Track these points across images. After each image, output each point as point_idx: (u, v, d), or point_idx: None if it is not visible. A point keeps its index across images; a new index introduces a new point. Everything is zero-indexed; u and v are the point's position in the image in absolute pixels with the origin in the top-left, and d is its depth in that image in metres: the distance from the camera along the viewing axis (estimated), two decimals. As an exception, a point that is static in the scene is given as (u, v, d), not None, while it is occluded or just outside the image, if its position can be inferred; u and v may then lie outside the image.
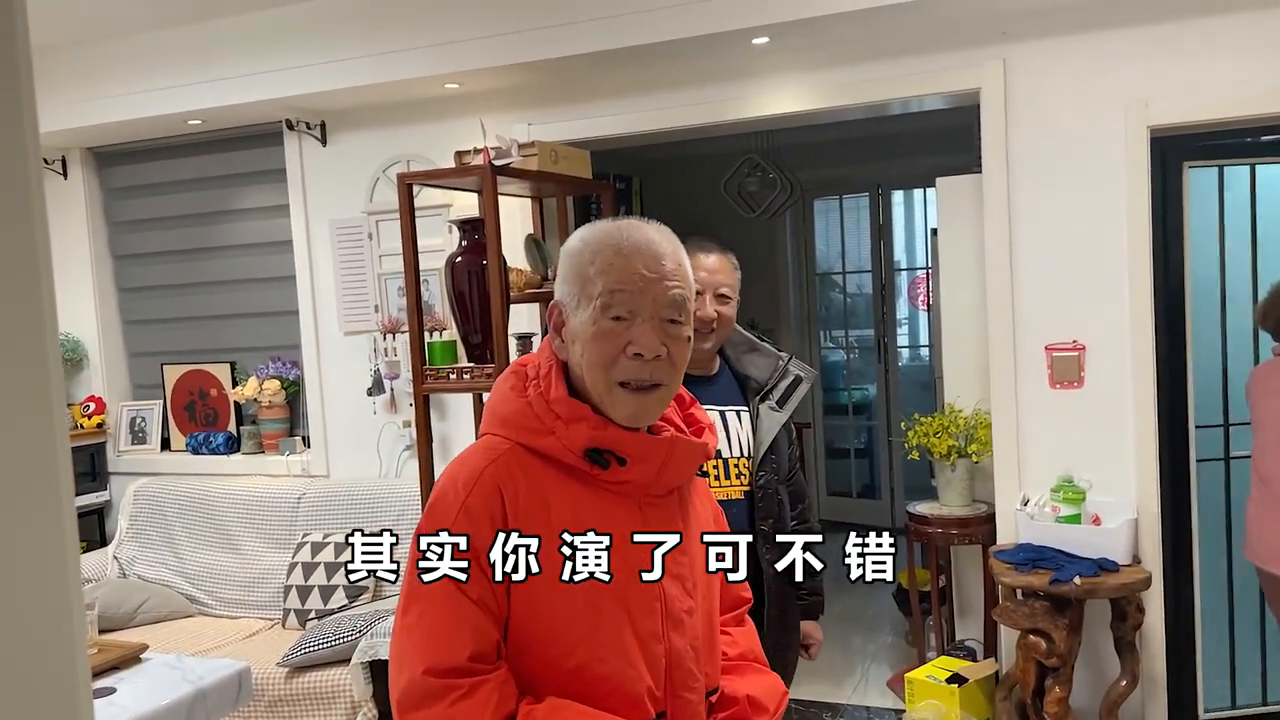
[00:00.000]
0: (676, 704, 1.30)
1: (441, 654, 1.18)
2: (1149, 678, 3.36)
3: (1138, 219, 3.30)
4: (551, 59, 3.61)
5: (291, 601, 3.93)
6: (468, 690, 1.18)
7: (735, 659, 1.46)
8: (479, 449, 1.30)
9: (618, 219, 1.34)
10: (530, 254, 3.80)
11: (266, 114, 4.27)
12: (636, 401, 1.27)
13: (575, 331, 1.29)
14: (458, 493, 1.24)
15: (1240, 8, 3.16)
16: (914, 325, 6.97)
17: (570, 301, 1.30)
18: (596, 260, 1.28)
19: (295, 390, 4.55)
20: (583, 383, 1.29)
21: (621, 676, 1.24)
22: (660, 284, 1.27)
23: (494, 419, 1.32)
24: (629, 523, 1.28)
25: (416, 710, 1.19)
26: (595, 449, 1.25)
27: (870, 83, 3.60)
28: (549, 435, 1.26)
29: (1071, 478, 3.30)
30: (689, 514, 1.37)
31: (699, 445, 1.34)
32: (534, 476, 1.25)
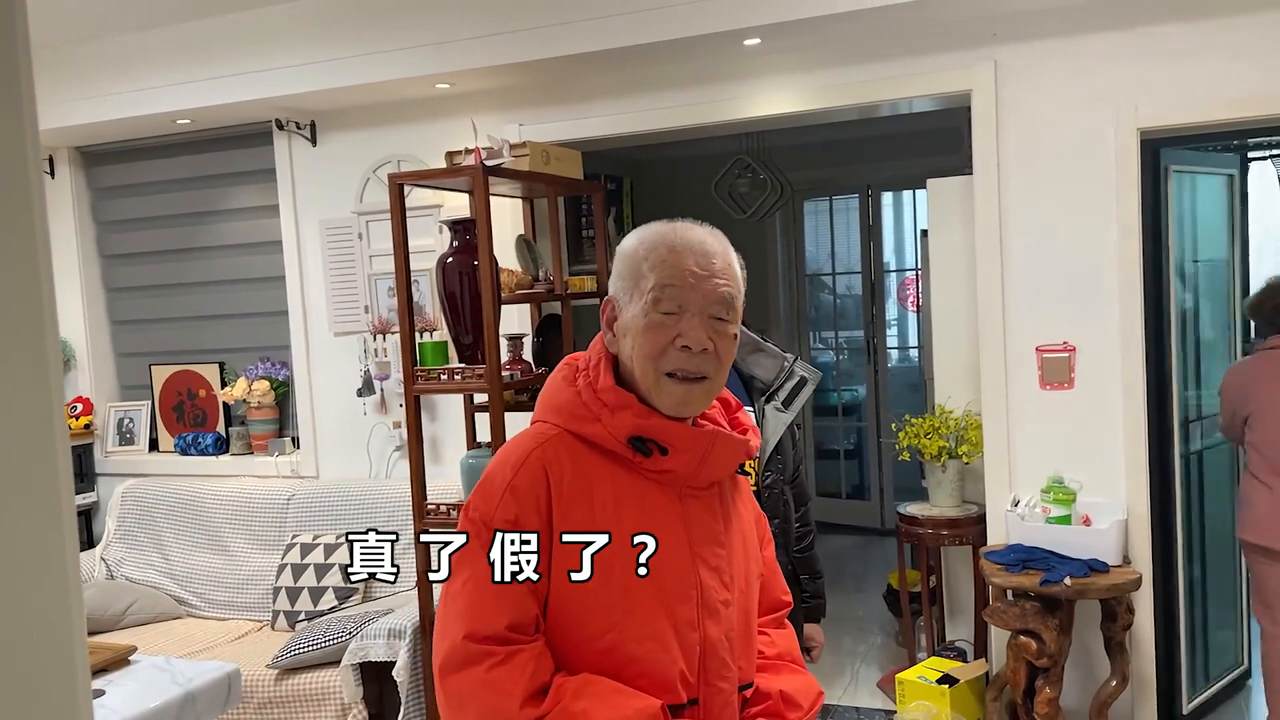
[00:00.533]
0: (709, 691, 1.34)
1: (481, 621, 1.25)
2: (1138, 678, 3.38)
3: (1127, 220, 3.32)
4: (543, 59, 3.60)
5: (281, 603, 3.91)
6: (504, 657, 1.24)
7: (773, 658, 1.49)
8: (530, 434, 1.36)
9: (672, 220, 1.39)
10: (521, 254, 3.79)
11: (256, 114, 4.25)
12: (683, 391, 1.32)
13: (627, 325, 1.35)
14: (506, 472, 1.31)
15: (1227, 11, 3.18)
16: (903, 326, 6.98)
17: (623, 296, 1.36)
18: (650, 257, 1.33)
19: (285, 391, 4.53)
20: (631, 375, 1.35)
21: (655, 659, 1.28)
22: (709, 281, 1.32)
23: (546, 407, 1.39)
24: (668, 511, 1.33)
25: (456, 673, 1.25)
26: (639, 436, 1.31)
27: (861, 84, 3.61)
28: (595, 422, 1.32)
29: (1062, 478, 3.31)
30: (729, 511, 1.41)
31: (741, 441, 1.38)
32: (580, 461, 1.31)
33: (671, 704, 1.28)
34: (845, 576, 5.45)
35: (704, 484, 1.37)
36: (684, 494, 1.35)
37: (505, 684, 1.23)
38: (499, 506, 1.28)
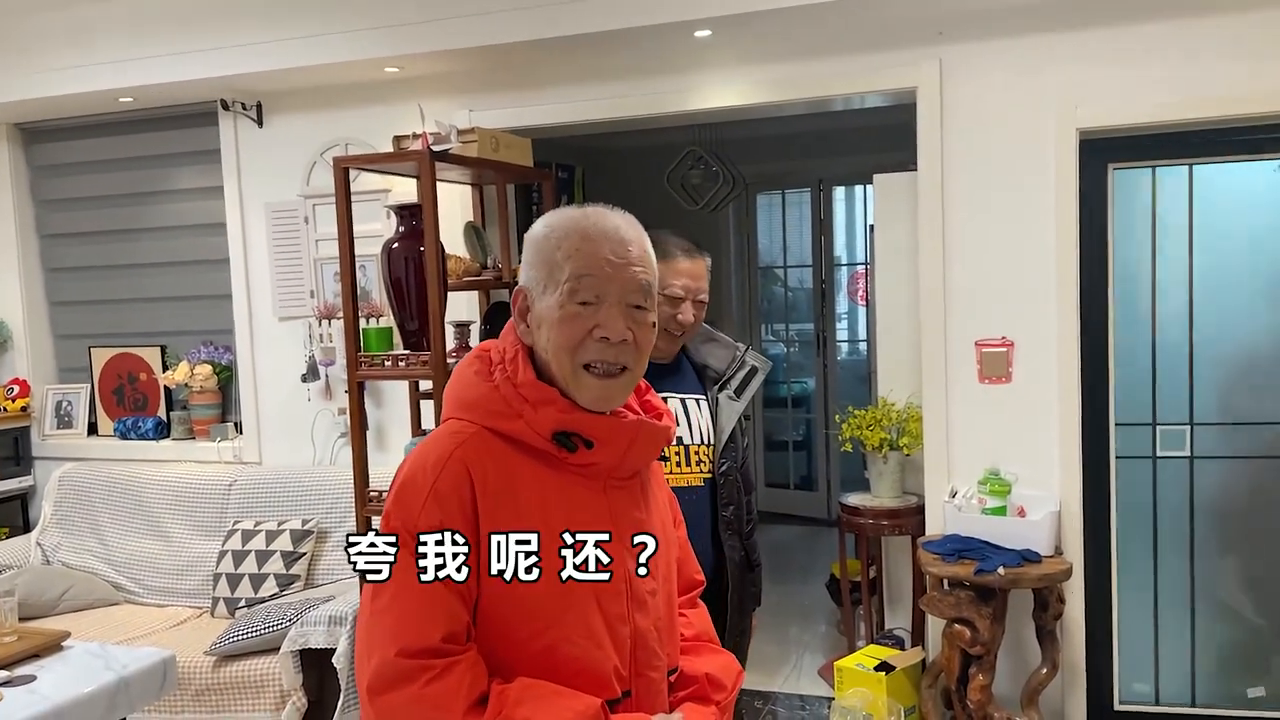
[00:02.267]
0: (641, 682, 1.33)
1: (414, 636, 1.19)
2: (1069, 666, 3.46)
3: (1066, 219, 3.38)
4: (494, 45, 3.58)
5: (221, 590, 3.87)
6: (441, 671, 1.19)
7: (691, 639, 1.49)
8: (444, 433, 1.30)
9: (583, 206, 1.35)
10: (469, 241, 3.78)
11: (201, 93, 4.18)
12: (602, 386, 1.29)
13: (541, 315, 1.30)
14: (426, 475, 1.25)
15: (1165, 17, 3.25)
16: (853, 320, 7.05)
17: (535, 287, 1.31)
18: (563, 245, 1.29)
19: (228, 375, 4.48)
20: (549, 367, 1.31)
21: (590, 657, 1.27)
22: (627, 269, 1.29)
23: (458, 403, 1.33)
24: (594, 505, 1.30)
25: (390, 691, 1.19)
26: (563, 432, 1.27)
27: (811, 79, 3.64)
28: (517, 419, 1.28)
29: (998, 470, 3.38)
30: (649, 498, 1.40)
31: (662, 429, 1.37)
32: (501, 460, 1.27)
33: (607, 699, 1.27)
34: (791, 566, 5.51)
35: (627, 474, 1.35)
36: (608, 486, 1.33)
37: (444, 699, 1.18)
38: (422, 513, 1.22)
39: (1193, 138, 3.40)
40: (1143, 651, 3.62)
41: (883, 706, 3.35)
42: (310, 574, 3.87)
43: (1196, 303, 3.49)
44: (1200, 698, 3.58)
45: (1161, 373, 3.54)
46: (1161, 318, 3.53)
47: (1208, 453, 3.51)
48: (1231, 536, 3.55)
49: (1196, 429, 3.52)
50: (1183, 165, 3.47)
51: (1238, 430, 3.51)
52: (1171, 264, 3.51)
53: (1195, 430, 3.52)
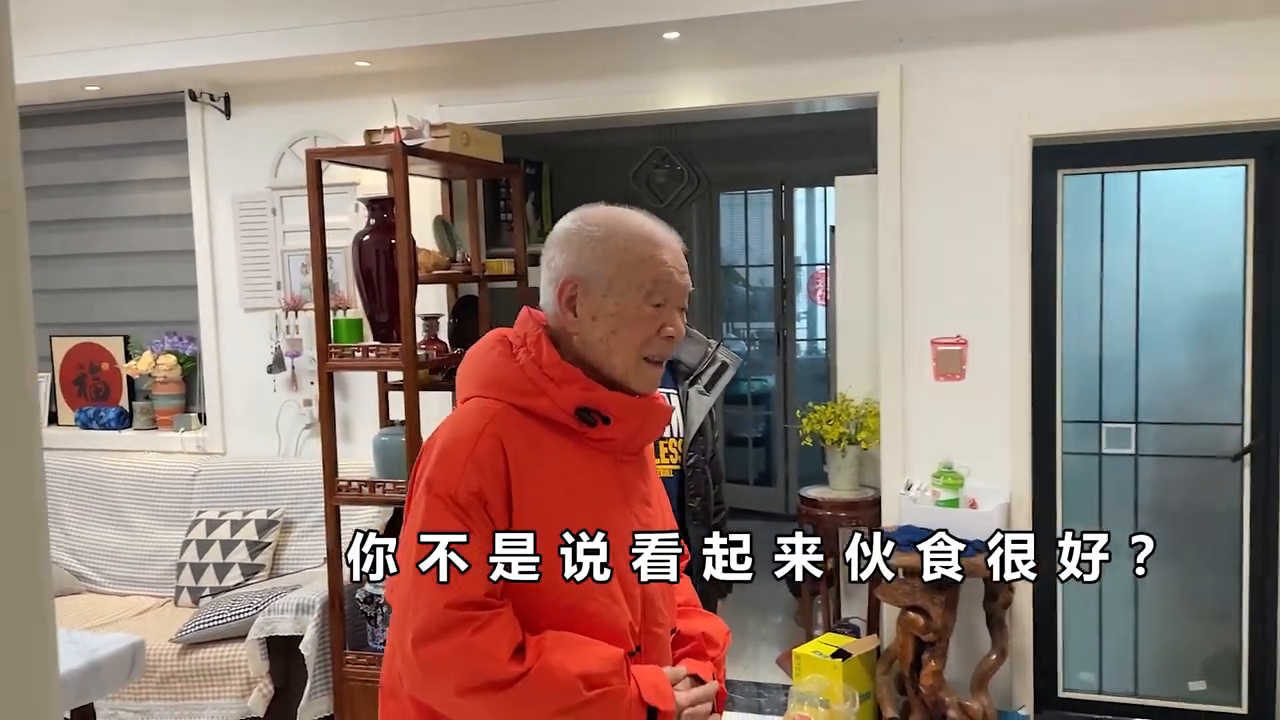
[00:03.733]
0: (649, 638, 1.47)
1: (461, 589, 1.31)
2: (1017, 654, 3.59)
3: (1018, 223, 3.51)
4: (465, 42, 3.63)
5: (185, 579, 3.88)
6: (486, 621, 1.31)
7: (683, 604, 1.64)
8: (474, 409, 1.42)
9: (623, 209, 1.48)
10: (439, 235, 3.83)
11: (168, 83, 4.18)
12: (655, 372, 1.46)
13: (602, 309, 1.42)
14: (465, 444, 1.36)
15: (1115, 29, 3.39)
16: (812, 319, 7.18)
17: (598, 283, 1.42)
18: (633, 250, 1.42)
19: (192, 366, 4.47)
20: (580, 352, 1.44)
21: (609, 613, 1.40)
22: (684, 277, 1.46)
23: (483, 382, 1.44)
24: (608, 476, 1.45)
25: (438, 640, 1.30)
26: (585, 408, 1.40)
27: (776, 82, 3.73)
28: (542, 396, 1.40)
29: (951, 464, 3.50)
30: (649, 473, 1.56)
31: (666, 409, 1.51)
32: (528, 433, 1.39)
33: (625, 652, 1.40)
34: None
35: (636, 449, 1.49)
36: (619, 460, 1.46)
37: (490, 646, 1.29)
38: (462, 478, 1.33)
39: (1141, 146, 3.55)
40: (1088, 641, 3.76)
41: (839, 692, 3.45)
42: (275, 563, 3.89)
43: (1143, 305, 3.63)
44: (1143, 688, 3.73)
45: (1108, 373, 3.68)
46: (1110, 319, 3.67)
47: (1152, 451, 3.66)
48: (1173, 532, 3.70)
49: (1141, 428, 3.66)
50: (1131, 172, 3.62)
51: (1182, 430, 3.66)
52: (1121, 267, 3.66)
53: (1140, 429, 3.66)
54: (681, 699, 1.42)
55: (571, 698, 1.30)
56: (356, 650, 3.32)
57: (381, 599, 3.32)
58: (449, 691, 1.31)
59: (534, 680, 1.29)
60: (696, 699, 1.44)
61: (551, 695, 1.30)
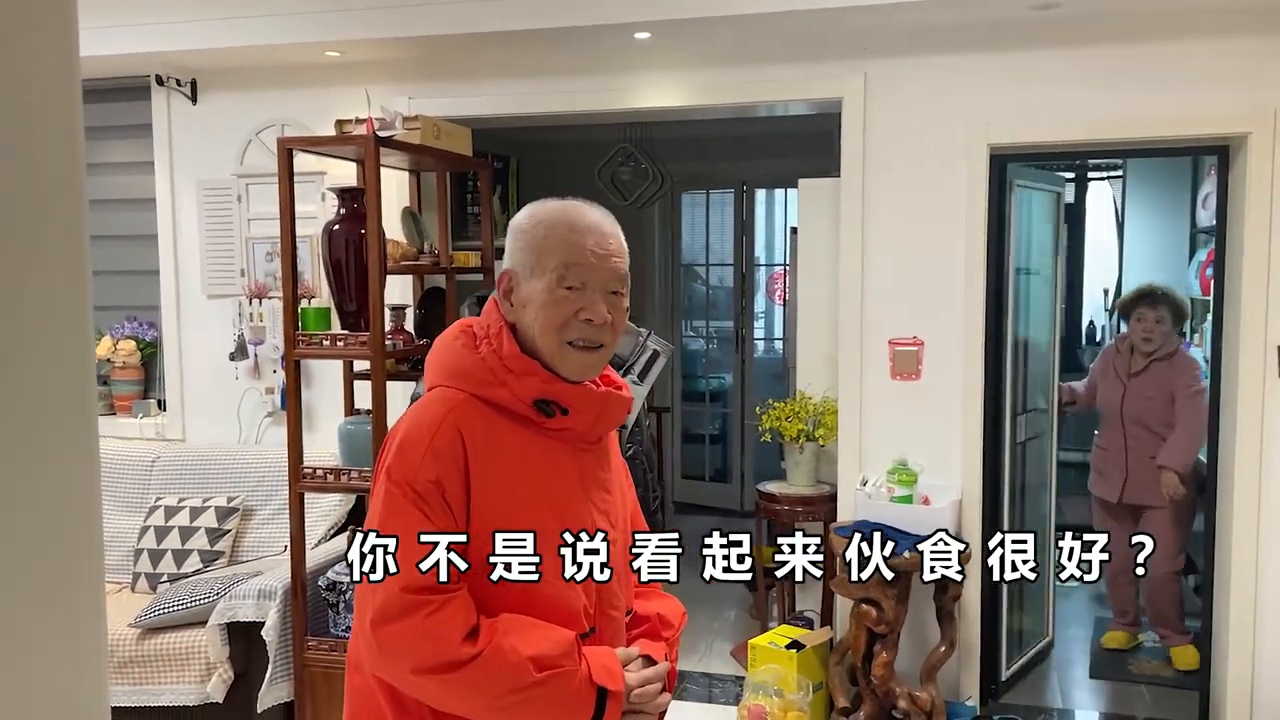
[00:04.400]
0: (604, 620, 1.52)
1: (416, 574, 1.34)
2: (964, 645, 3.71)
3: (974, 228, 3.62)
4: (436, 35, 3.66)
5: (142, 565, 3.86)
6: (440, 605, 1.35)
7: (644, 586, 1.68)
8: (436, 398, 1.46)
9: (564, 200, 1.52)
10: (407, 227, 3.85)
11: (134, 67, 4.14)
12: (584, 358, 1.48)
13: (527, 297, 1.47)
14: (424, 434, 1.41)
15: (1072, 43, 3.51)
16: (770, 319, 7.29)
17: (523, 271, 1.48)
18: (551, 235, 1.46)
19: (152, 352, 4.44)
20: (532, 342, 1.47)
21: (563, 597, 1.45)
22: (608, 260, 1.47)
23: (446, 372, 1.49)
24: (566, 464, 1.49)
25: (394, 622, 1.35)
26: (543, 399, 1.45)
27: (743, 85, 3.81)
28: (501, 387, 1.44)
29: (905, 461, 3.60)
30: (610, 460, 1.60)
31: (626, 399, 1.55)
32: (487, 423, 1.43)
33: (577, 634, 1.45)
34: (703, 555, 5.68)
35: (594, 439, 1.53)
36: (578, 449, 1.51)
37: (443, 629, 1.34)
38: (420, 467, 1.38)
39: (1090, 156, 3.68)
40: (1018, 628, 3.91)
41: (793, 682, 3.54)
42: (235, 550, 3.89)
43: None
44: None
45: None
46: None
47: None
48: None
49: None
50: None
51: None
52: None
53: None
54: (631, 679, 1.46)
55: (522, 678, 1.35)
56: (318, 637, 3.34)
57: (344, 586, 3.34)
58: (405, 670, 1.36)
59: (486, 661, 1.34)
60: (646, 679, 1.49)
61: (503, 676, 1.35)
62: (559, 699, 1.39)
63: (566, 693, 1.39)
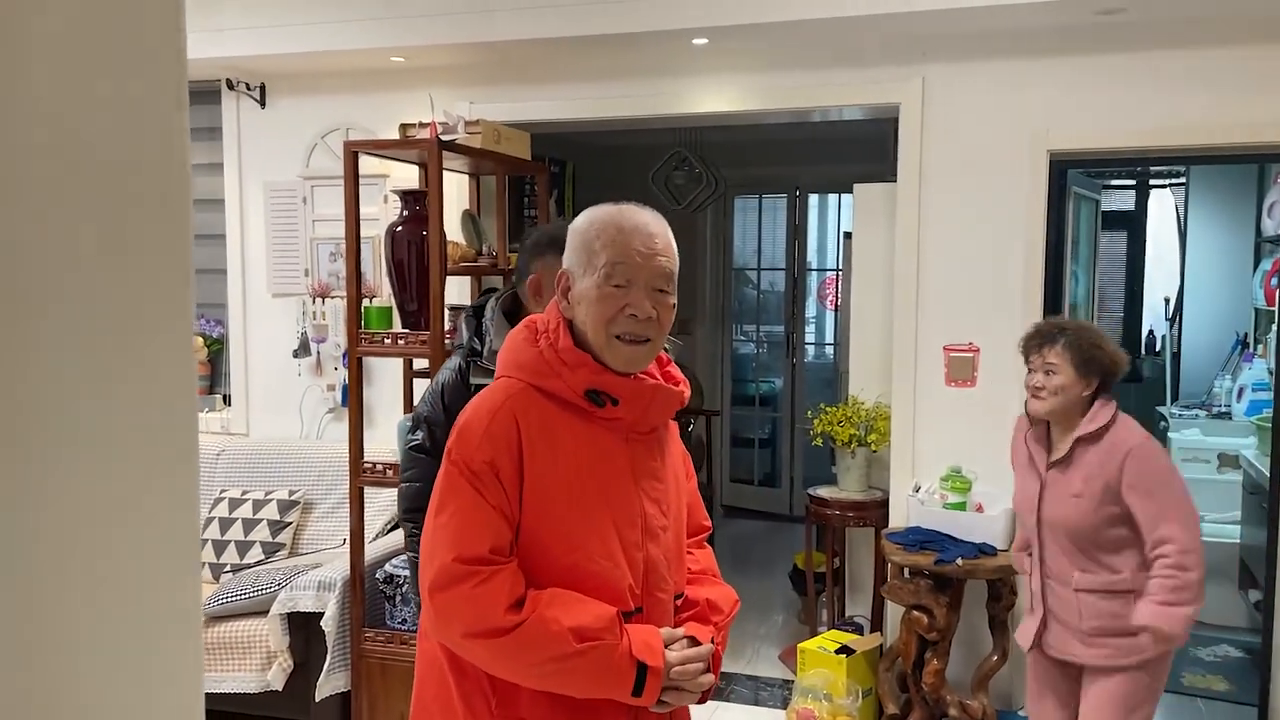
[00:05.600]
0: (651, 601, 1.59)
1: (467, 546, 1.47)
2: (1017, 653, 3.67)
3: (1033, 234, 3.60)
4: (498, 41, 3.73)
5: (207, 555, 3.97)
6: (488, 575, 1.46)
7: (697, 573, 1.75)
8: (498, 387, 1.58)
9: (618, 203, 1.61)
10: (466, 229, 3.93)
11: (205, 72, 4.27)
12: (630, 351, 1.56)
13: (580, 294, 1.56)
14: (482, 420, 1.53)
15: (1136, 49, 3.48)
16: (821, 323, 7.27)
17: (577, 270, 1.58)
18: (601, 236, 1.56)
19: (218, 348, 4.57)
20: (585, 337, 1.57)
21: (609, 575, 1.54)
22: (654, 259, 1.56)
23: (510, 364, 1.60)
24: (617, 452, 1.58)
25: (445, 590, 1.47)
26: (594, 390, 1.54)
27: (799, 90, 3.83)
28: (556, 378, 1.55)
29: (960, 468, 3.59)
30: (664, 450, 1.67)
31: (677, 392, 1.63)
32: (543, 411, 1.54)
33: (622, 611, 1.53)
34: (751, 559, 5.70)
35: (646, 429, 1.61)
36: (629, 438, 1.59)
37: (489, 598, 1.45)
38: (477, 450, 1.50)
39: (1153, 163, 3.64)
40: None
41: (842, 687, 3.55)
42: (295, 542, 3.99)
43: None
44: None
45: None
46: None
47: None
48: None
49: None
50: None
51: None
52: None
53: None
54: (672, 657, 1.53)
55: (563, 648, 1.45)
56: (375, 628, 3.42)
57: (401, 579, 3.41)
58: (457, 634, 1.48)
59: (528, 630, 1.44)
60: (687, 658, 1.56)
61: (544, 644, 1.45)
62: (599, 670, 1.47)
63: (606, 665, 1.47)
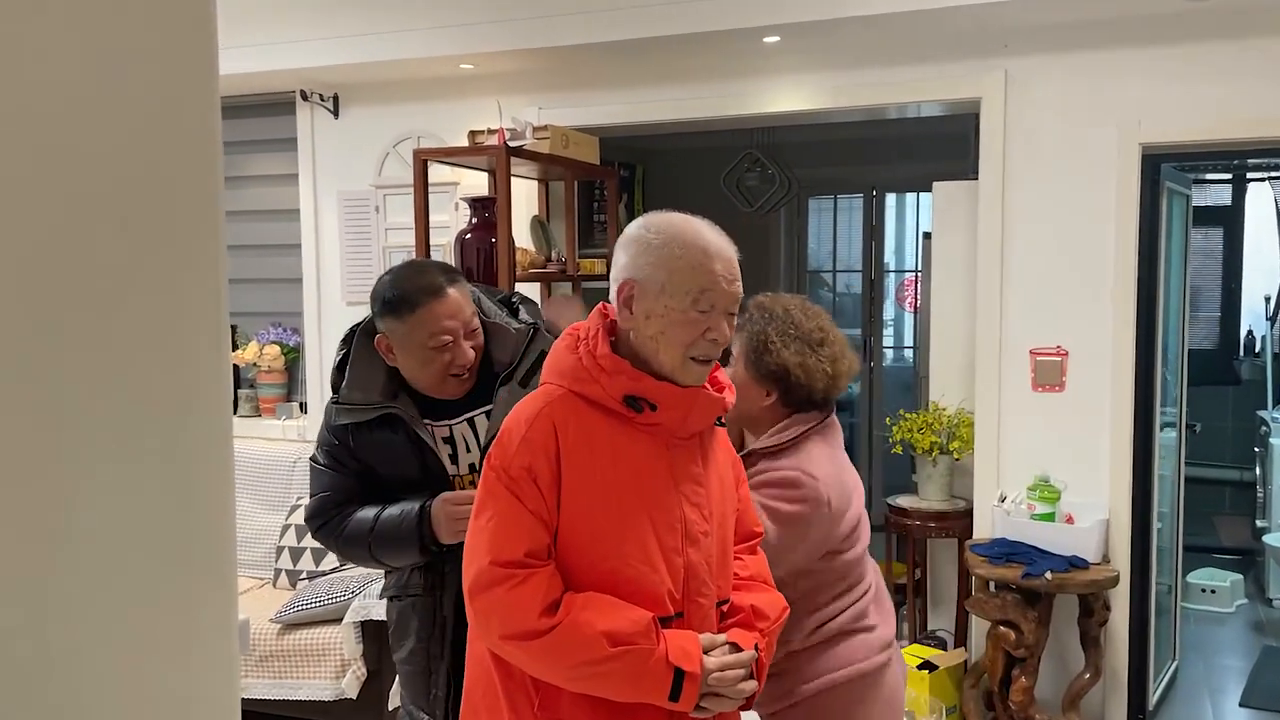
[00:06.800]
0: (691, 606, 1.59)
1: (504, 550, 1.49)
2: (1111, 673, 3.51)
3: (1125, 232, 3.43)
4: (566, 45, 3.69)
5: (283, 562, 4.01)
6: (523, 579, 1.48)
7: (746, 579, 1.73)
8: (539, 394, 1.60)
9: (685, 216, 1.59)
10: (535, 235, 3.90)
11: (281, 84, 4.33)
12: (701, 370, 1.58)
13: (652, 310, 1.54)
14: (520, 426, 1.54)
15: (1231, 36, 3.29)
16: (899, 326, 7.10)
17: (651, 286, 1.54)
18: (685, 259, 1.54)
19: (294, 356, 4.63)
20: (643, 348, 1.56)
21: (647, 580, 1.54)
22: (733, 285, 1.57)
23: (551, 370, 1.62)
24: (657, 458, 1.57)
25: (484, 592, 1.50)
26: (631, 395, 1.54)
27: (875, 86, 3.71)
28: (594, 384, 1.55)
29: (1048, 477, 3.43)
30: (708, 456, 1.66)
31: (718, 399, 1.62)
32: (582, 416, 1.55)
33: (661, 616, 1.52)
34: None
35: (687, 434, 1.60)
36: (670, 443, 1.58)
37: (524, 601, 1.47)
38: (515, 456, 1.52)
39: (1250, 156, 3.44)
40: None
41: (925, 704, 3.42)
42: (369, 551, 4.00)
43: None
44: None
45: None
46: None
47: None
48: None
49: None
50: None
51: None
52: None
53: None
54: (710, 663, 1.52)
55: (596, 652, 1.46)
56: (447, 638, 3.40)
57: (473, 589, 3.39)
58: (495, 636, 1.51)
59: (562, 633, 1.46)
60: (727, 665, 1.54)
61: (578, 648, 1.46)
62: (634, 675, 1.48)
63: (642, 669, 1.48)
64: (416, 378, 2.02)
